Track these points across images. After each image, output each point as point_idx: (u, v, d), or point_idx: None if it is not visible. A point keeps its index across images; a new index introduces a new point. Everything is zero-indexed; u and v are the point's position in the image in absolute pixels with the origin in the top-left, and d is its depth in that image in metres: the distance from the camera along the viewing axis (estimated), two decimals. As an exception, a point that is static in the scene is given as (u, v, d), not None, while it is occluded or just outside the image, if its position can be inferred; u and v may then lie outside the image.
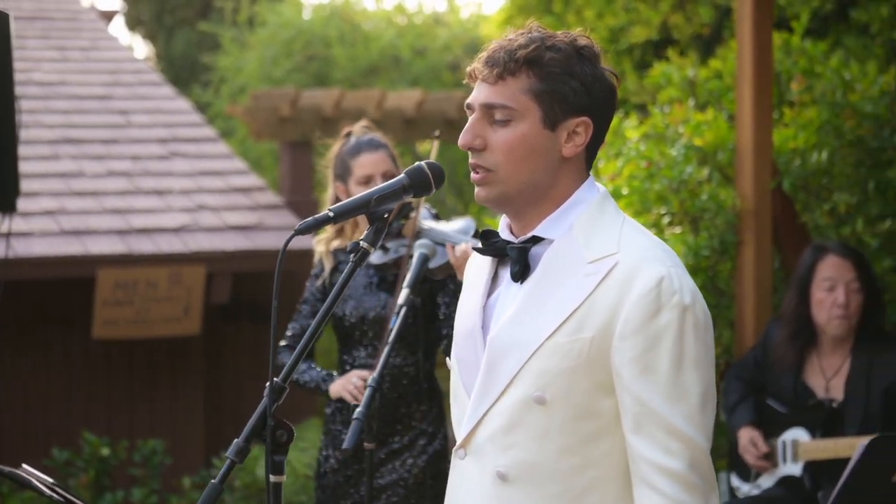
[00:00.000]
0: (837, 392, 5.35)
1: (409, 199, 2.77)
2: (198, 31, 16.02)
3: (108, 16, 12.83)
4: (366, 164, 4.81)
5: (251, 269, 8.63)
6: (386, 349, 4.00)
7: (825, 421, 5.31)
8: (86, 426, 8.56)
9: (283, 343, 4.93)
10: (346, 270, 2.69)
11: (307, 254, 8.64)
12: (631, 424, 2.62)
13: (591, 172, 2.77)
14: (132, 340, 8.59)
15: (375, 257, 4.81)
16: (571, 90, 2.65)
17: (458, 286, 4.73)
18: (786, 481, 5.33)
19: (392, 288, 4.80)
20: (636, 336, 2.59)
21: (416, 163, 2.78)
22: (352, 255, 2.71)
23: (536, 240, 2.72)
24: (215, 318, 8.83)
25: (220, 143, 9.71)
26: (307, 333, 2.69)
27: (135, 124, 9.77)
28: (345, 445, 3.72)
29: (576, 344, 2.62)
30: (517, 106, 2.66)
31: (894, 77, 6.53)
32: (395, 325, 4.07)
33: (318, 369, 4.79)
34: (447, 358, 4.75)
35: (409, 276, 4.25)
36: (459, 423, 2.81)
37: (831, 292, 5.31)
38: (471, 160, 2.73)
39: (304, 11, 12.73)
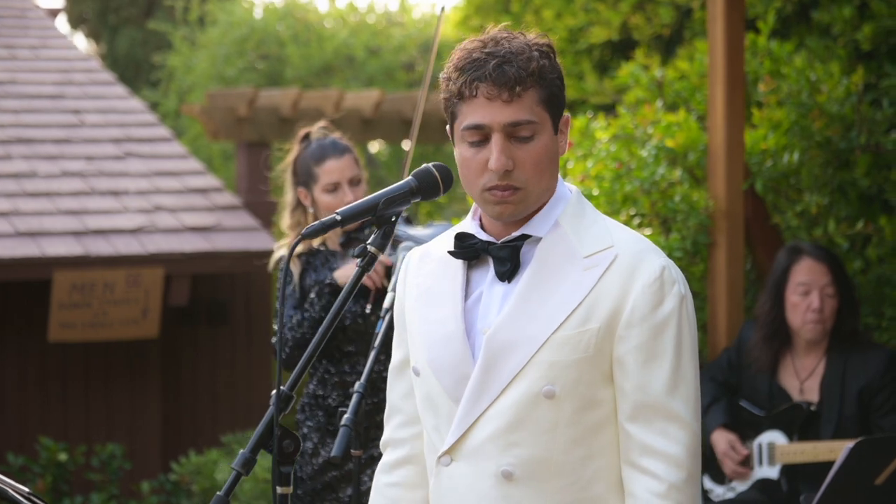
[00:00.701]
0: (812, 394, 5.34)
1: (416, 201, 2.71)
2: (142, 31, 15.86)
3: (52, 13, 12.66)
4: (332, 170, 4.73)
5: (210, 271, 8.54)
6: (372, 354, 3.94)
7: (802, 423, 5.30)
8: (42, 431, 8.43)
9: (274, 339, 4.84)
10: (353, 276, 2.64)
11: (268, 255, 8.56)
12: (629, 411, 2.67)
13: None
14: (89, 343, 8.47)
15: (341, 263, 4.75)
16: (560, 90, 2.72)
17: None
18: (762, 484, 5.31)
19: (368, 293, 4.73)
20: (642, 324, 2.67)
21: (424, 165, 2.72)
22: (358, 260, 2.65)
23: (524, 237, 2.73)
24: (173, 321, 8.72)
25: (174, 143, 9.60)
26: (315, 339, 2.61)
27: (88, 124, 9.64)
28: (333, 453, 3.64)
29: (584, 335, 2.66)
30: (538, 119, 2.69)
31: (861, 77, 6.53)
32: (380, 329, 4.01)
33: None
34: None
35: (394, 279, 4.18)
36: (438, 429, 2.76)
37: (806, 297, 5.31)
38: (498, 181, 2.67)
39: (255, 10, 12.61)
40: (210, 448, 8.53)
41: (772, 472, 5.31)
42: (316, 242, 4.86)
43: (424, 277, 2.84)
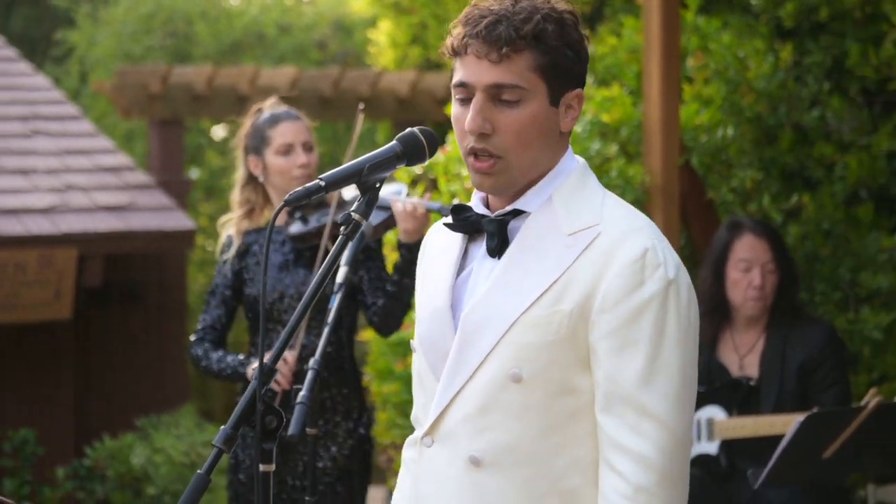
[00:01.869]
0: (752, 370, 5.33)
1: (402, 167, 2.61)
2: (37, 7, 15.49)
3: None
4: (286, 132, 4.65)
5: (124, 251, 8.34)
6: (326, 330, 3.83)
7: (742, 399, 5.29)
8: (-50, 416, 8.19)
9: (193, 337, 4.70)
10: (338, 242, 2.53)
11: (183, 235, 8.40)
12: (602, 402, 2.49)
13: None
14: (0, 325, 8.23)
15: (295, 227, 4.64)
16: (569, 61, 2.55)
17: (381, 259, 4.58)
18: (701, 460, 5.29)
19: (311, 264, 4.62)
20: (616, 309, 2.48)
21: (409, 129, 2.62)
22: (342, 228, 2.54)
23: (516, 213, 2.59)
24: (86, 302, 8.51)
25: (83, 121, 9.37)
26: (295, 315, 2.49)
27: (-8, 102, 9.37)
28: (290, 431, 3.53)
29: (554, 317, 2.50)
30: (527, 85, 2.53)
31: (790, 54, 6.54)
32: (333, 304, 3.90)
33: (234, 354, 4.56)
34: (377, 329, 4.63)
35: (346, 253, 4.07)
36: (426, 408, 2.66)
37: (747, 273, 5.28)
38: (475, 144, 2.56)
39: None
40: (125, 432, 8.35)
41: (711, 448, 5.28)
42: (245, 226, 4.74)
43: (433, 250, 2.73)
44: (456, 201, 4.46)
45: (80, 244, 8.01)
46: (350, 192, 4.57)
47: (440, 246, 2.71)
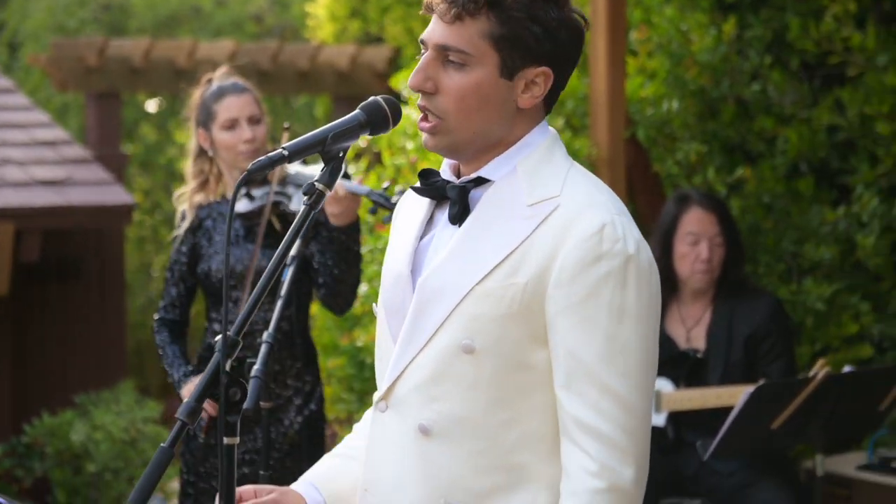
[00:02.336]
0: (699, 342, 5.36)
1: (365, 136, 2.58)
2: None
3: None
4: (231, 106, 4.60)
5: (62, 226, 8.23)
6: (279, 303, 3.80)
7: (689, 371, 5.31)
8: None
9: (156, 316, 4.69)
10: (300, 213, 2.50)
11: (121, 210, 8.31)
12: (562, 379, 2.45)
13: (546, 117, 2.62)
14: (-66, 302, 8.11)
15: (241, 205, 4.60)
16: (533, 36, 2.48)
17: (331, 232, 4.54)
18: (648, 432, 5.31)
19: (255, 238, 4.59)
20: (573, 284, 2.43)
21: (372, 97, 2.59)
22: (306, 198, 2.51)
23: (481, 181, 2.56)
24: (22, 278, 8.39)
25: (18, 94, 9.22)
26: (259, 286, 2.46)
27: (-78, 75, 9.21)
28: (245, 405, 3.49)
29: (508, 290, 2.46)
30: (473, 51, 2.48)
31: (733, 27, 6.56)
32: (286, 277, 3.87)
33: (183, 363, 4.60)
34: (328, 308, 4.61)
35: (295, 224, 4.04)
36: (383, 373, 2.64)
37: (694, 246, 5.31)
38: (419, 102, 2.55)
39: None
40: (64, 409, 8.25)
41: (658, 420, 5.31)
42: (214, 195, 4.71)
43: (403, 216, 2.70)
44: (386, 185, 4.43)
45: (17, 219, 7.89)
46: (294, 165, 4.54)
47: (409, 211, 2.68)
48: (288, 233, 2.49)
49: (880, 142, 6.23)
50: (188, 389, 4.52)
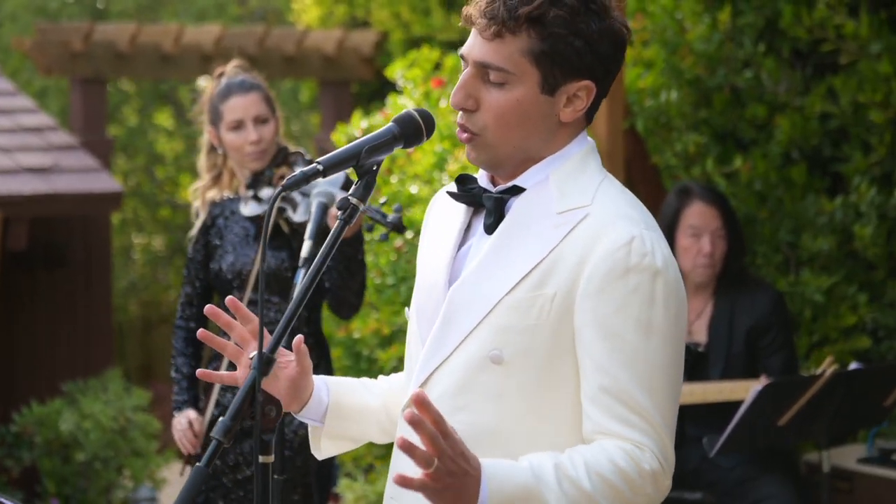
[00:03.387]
0: (700, 335, 5.35)
1: (399, 148, 2.55)
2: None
3: None
4: (236, 107, 4.58)
5: (50, 214, 8.17)
6: (290, 306, 3.76)
7: (690, 365, 5.30)
8: None
9: (178, 314, 4.72)
10: (335, 227, 2.47)
11: (109, 197, 8.25)
12: (589, 391, 2.42)
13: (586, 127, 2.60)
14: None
15: (249, 209, 4.59)
16: (575, 51, 2.44)
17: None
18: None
19: (271, 238, 4.57)
20: (600, 296, 2.41)
21: (405, 110, 2.57)
22: (341, 213, 2.48)
23: (517, 190, 2.54)
24: (9, 265, 8.32)
25: (1, 79, 9.13)
26: (289, 309, 2.45)
27: None
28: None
29: (537, 301, 2.44)
30: (514, 69, 2.45)
31: (728, 16, 6.54)
32: (299, 279, 3.85)
33: (182, 387, 4.64)
34: (335, 313, 4.59)
35: (309, 227, 4.04)
36: (411, 377, 2.62)
37: (697, 240, 5.30)
38: (459, 119, 2.52)
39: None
40: (52, 397, 8.21)
41: (659, 414, 5.30)
42: (212, 196, 4.70)
43: (437, 217, 2.67)
44: (383, 201, 4.42)
45: (5, 207, 7.83)
46: (297, 166, 4.53)
47: (445, 214, 2.65)
48: (323, 247, 2.46)
49: (873, 130, 6.23)
50: (178, 421, 4.59)
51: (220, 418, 2.38)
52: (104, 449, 7.95)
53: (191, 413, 4.58)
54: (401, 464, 2.51)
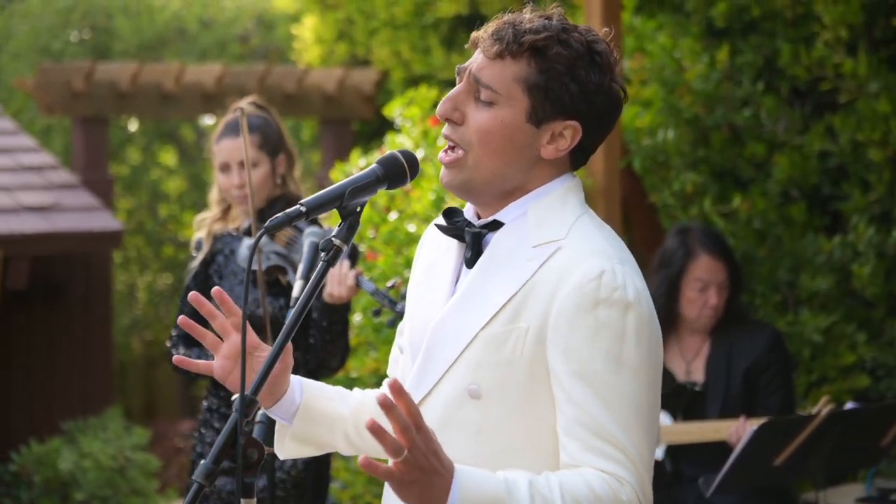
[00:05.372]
0: (698, 374, 5.34)
1: (383, 189, 2.55)
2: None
3: None
4: (223, 150, 4.63)
5: (50, 252, 8.18)
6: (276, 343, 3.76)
7: (686, 404, 5.29)
8: None
9: (168, 344, 4.67)
10: (318, 269, 2.47)
11: (109, 235, 8.25)
12: (563, 423, 2.42)
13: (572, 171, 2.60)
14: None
15: (239, 253, 4.59)
16: (568, 92, 2.47)
17: (323, 307, 4.51)
18: (646, 465, 5.28)
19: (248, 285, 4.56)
20: (570, 329, 2.41)
21: (390, 151, 2.57)
22: (323, 254, 2.48)
23: (497, 225, 2.54)
24: (9, 304, 8.32)
25: (3, 118, 9.17)
26: (275, 346, 2.44)
27: None
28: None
29: (511, 334, 2.45)
30: (504, 92, 2.48)
31: (726, 55, 6.55)
32: (290, 318, 3.83)
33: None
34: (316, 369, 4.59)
35: (301, 267, 4.04)
36: None
37: (703, 292, 5.30)
38: (444, 131, 2.55)
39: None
40: (51, 436, 8.19)
41: (656, 453, 5.28)
42: (217, 229, 4.71)
43: (430, 251, 2.68)
44: (391, 284, 4.41)
45: (5, 245, 7.84)
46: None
47: (435, 248, 2.66)
48: (307, 286, 2.46)
49: (872, 168, 6.23)
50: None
51: (202, 461, 2.37)
52: (103, 488, 7.93)
53: None
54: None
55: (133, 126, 11.91)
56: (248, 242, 4.60)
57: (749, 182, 6.58)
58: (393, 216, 6.31)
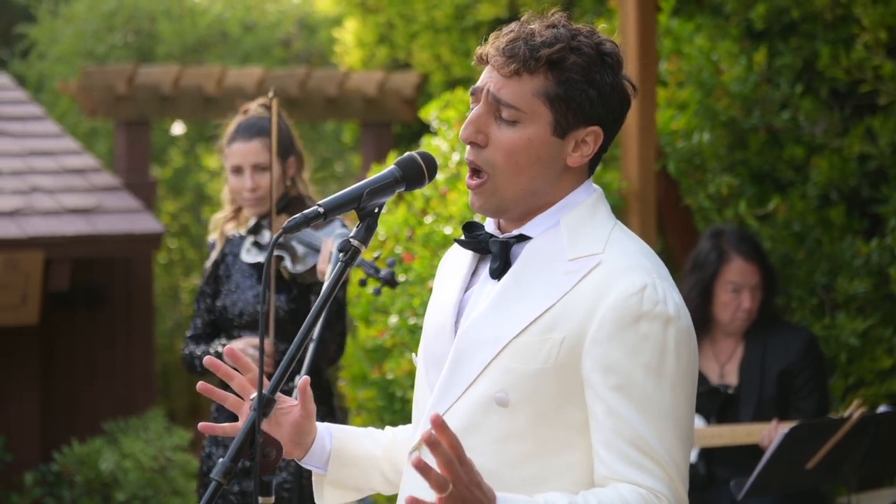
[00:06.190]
0: (731, 377, 5.33)
1: (401, 191, 2.57)
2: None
3: None
4: (236, 153, 4.65)
5: (92, 255, 8.24)
6: (311, 346, 3.80)
7: (720, 407, 5.28)
8: (-86, 422, 8.08)
9: (184, 344, 4.73)
10: (336, 269, 2.48)
11: (151, 238, 8.31)
12: (602, 436, 2.42)
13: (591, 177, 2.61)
14: (-36, 331, 8.12)
15: (251, 256, 4.62)
16: (588, 99, 2.48)
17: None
18: (679, 468, 5.27)
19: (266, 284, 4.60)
20: (611, 342, 2.42)
21: (407, 153, 2.58)
22: (341, 255, 2.49)
23: (523, 238, 2.55)
24: (52, 306, 8.40)
25: (48, 121, 9.24)
26: (290, 351, 2.44)
27: (-46, 102, 9.23)
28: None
29: (545, 344, 2.45)
30: (527, 109, 2.48)
31: (764, 57, 6.53)
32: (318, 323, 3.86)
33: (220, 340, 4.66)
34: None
35: (331, 268, 4.07)
36: (418, 423, 2.62)
37: (736, 295, 5.30)
38: (467, 156, 2.54)
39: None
40: (93, 437, 8.26)
41: (690, 456, 5.27)
42: (229, 230, 4.74)
43: (446, 269, 2.69)
44: (377, 255, 4.45)
45: (47, 248, 7.91)
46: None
47: (454, 264, 2.68)
48: (322, 290, 2.47)
49: (912, 171, 6.20)
50: (234, 343, 4.53)
51: (220, 459, 2.39)
52: (144, 488, 7.99)
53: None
54: (411, 489, 2.52)
55: (179, 129, 11.98)
56: (248, 241, 4.63)
57: (788, 185, 6.55)
58: (429, 219, 6.33)
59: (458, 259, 2.67)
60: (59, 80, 10.71)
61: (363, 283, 4.38)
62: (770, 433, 4.96)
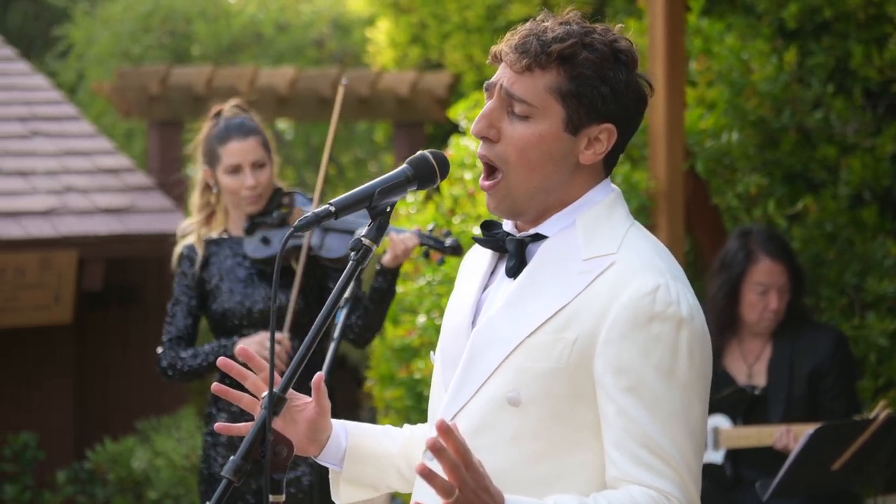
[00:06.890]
0: (760, 378, 5.30)
1: (413, 190, 2.57)
2: (35, 3, 15.42)
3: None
4: (234, 152, 4.60)
5: (125, 254, 8.29)
6: (332, 345, 3.80)
7: (747, 408, 5.26)
8: (-50, 420, 8.15)
9: (160, 350, 4.70)
10: (347, 269, 2.48)
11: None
12: (613, 437, 2.42)
13: (608, 177, 2.60)
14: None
15: (252, 250, 4.61)
16: (600, 96, 2.47)
17: (384, 274, 4.54)
18: (706, 469, 5.25)
19: (271, 280, 4.59)
20: (623, 343, 2.41)
21: (419, 152, 2.58)
22: (353, 254, 2.49)
23: (539, 237, 2.55)
24: (85, 305, 8.46)
25: (82, 121, 9.30)
26: (302, 348, 2.44)
27: (-10, 102, 9.30)
28: None
29: (558, 344, 2.44)
30: (539, 104, 2.47)
31: (794, 56, 6.50)
32: (340, 319, 3.87)
33: (210, 343, 4.61)
34: (353, 343, 4.61)
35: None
36: (433, 422, 2.62)
37: (764, 296, 5.27)
38: (480, 150, 2.54)
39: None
40: (125, 435, 8.31)
41: (716, 457, 5.26)
42: (216, 231, 4.72)
43: (469, 267, 2.69)
44: (430, 227, 4.46)
45: (81, 247, 7.96)
46: (308, 207, 4.57)
47: (474, 264, 2.68)
48: (335, 288, 2.47)
49: (945, 171, 6.16)
50: (246, 341, 4.52)
51: (231, 457, 2.39)
52: (176, 486, 8.02)
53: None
54: (422, 494, 2.52)
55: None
56: (257, 238, 4.63)
57: (819, 185, 6.52)
58: (457, 219, 6.33)
59: (478, 258, 2.67)
60: (96, 80, 10.77)
61: (426, 255, 4.39)
62: (783, 436, 4.94)
